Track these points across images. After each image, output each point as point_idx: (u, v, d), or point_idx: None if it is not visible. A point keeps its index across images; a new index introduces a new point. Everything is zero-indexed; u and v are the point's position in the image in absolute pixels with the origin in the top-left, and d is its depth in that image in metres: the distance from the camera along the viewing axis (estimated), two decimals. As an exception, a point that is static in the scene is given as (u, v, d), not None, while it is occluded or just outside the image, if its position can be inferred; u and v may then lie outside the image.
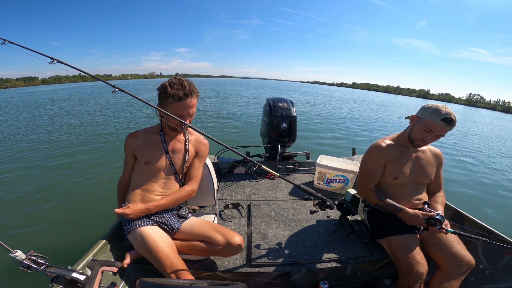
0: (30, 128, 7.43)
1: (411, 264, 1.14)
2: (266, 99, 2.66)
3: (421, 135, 1.24)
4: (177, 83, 1.11)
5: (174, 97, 1.09)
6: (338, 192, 2.17)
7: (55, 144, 5.59)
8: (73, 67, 1.23)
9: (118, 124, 8.03)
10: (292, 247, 1.43)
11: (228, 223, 1.66)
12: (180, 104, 1.11)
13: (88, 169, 4.08)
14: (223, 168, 2.45)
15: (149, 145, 1.22)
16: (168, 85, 1.11)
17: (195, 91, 1.14)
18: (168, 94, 1.10)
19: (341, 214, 1.59)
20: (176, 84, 1.10)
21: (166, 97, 1.11)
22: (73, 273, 0.83)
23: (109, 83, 1.14)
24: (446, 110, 1.17)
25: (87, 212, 2.74)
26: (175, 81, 1.12)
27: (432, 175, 1.38)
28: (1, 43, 1.13)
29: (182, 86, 1.10)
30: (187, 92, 1.11)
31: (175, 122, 1.13)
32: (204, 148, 1.34)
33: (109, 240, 1.21)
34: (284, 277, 1.29)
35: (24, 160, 4.56)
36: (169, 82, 1.12)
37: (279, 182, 2.33)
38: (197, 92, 1.17)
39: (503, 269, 1.28)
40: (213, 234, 1.16)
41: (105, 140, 5.95)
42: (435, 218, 1.15)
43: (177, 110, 1.11)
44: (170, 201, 1.19)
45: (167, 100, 1.11)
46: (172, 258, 1.03)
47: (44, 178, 3.73)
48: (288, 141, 2.53)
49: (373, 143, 1.40)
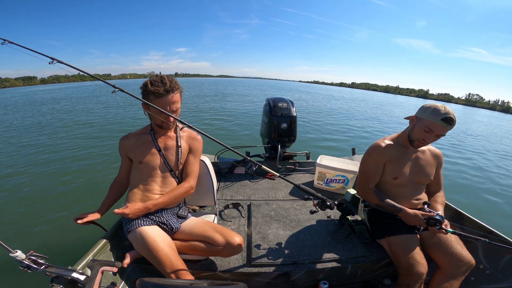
0: (29, 129, 7.42)
1: (411, 264, 1.14)
2: (266, 99, 2.66)
3: (421, 136, 1.24)
4: (158, 80, 1.12)
5: (155, 94, 1.10)
6: (338, 192, 2.17)
7: (55, 144, 5.59)
8: (73, 67, 1.23)
9: (118, 124, 8.02)
10: (292, 247, 1.43)
11: (228, 223, 1.66)
12: (161, 101, 1.12)
13: (88, 169, 4.08)
14: (223, 168, 2.45)
15: (141, 145, 1.23)
16: (149, 82, 1.12)
17: (176, 87, 1.15)
18: (148, 91, 1.11)
19: (341, 214, 1.59)
20: (157, 81, 1.12)
21: (147, 95, 1.13)
22: (73, 273, 0.83)
23: (109, 83, 1.14)
24: (445, 110, 1.17)
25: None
26: (156, 78, 1.13)
27: (431, 175, 1.38)
28: (1, 43, 1.13)
29: (162, 82, 1.11)
30: (168, 88, 1.11)
31: (163, 117, 1.14)
32: (197, 144, 1.34)
33: (109, 240, 1.21)
34: (284, 277, 1.29)
35: (23, 160, 4.55)
36: (150, 80, 1.13)
37: (279, 182, 2.33)
38: (179, 88, 1.18)
39: (503, 269, 1.28)
40: (213, 234, 1.16)
41: (105, 140, 5.95)
42: (435, 219, 1.15)
43: (160, 106, 1.12)
44: (169, 199, 1.19)
45: (149, 97, 1.12)
46: (172, 258, 1.03)
47: (44, 179, 3.73)
48: (288, 141, 2.53)
49: (373, 143, 1.41)
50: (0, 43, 1.13)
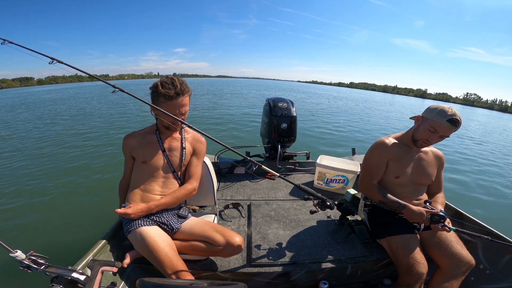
0: (29, 128, 7.41)
1: (411, 264, 1.14)
2: (266, 99, 2.66)
3: (426, 135, 1.25)
4: (168, 82, 1.11)
5: (165, 96, 1.10)
6: (338, 192, 2.17)
7: (55, 144, 5.58)
8: (73, 67, 1.22)
9: (118, 124, 8.01)
10: (292, 247, 1.43)
11: (228, 223, 1.66)
12: (171, 103, 1.11)
13: (88, 169, 4.07)
14: (223, 168, 2.45)
15: (146, 145, 1.23)
16: (160, 84, 1.11)
17: (186, 90, 1.15)
18: (159, 93, 1.10)
19: (341, 214, 1.59)
20: (168, 83, 1.11)
21: (157, 96, 1.12)
22: (73, 273, 0.83)
23: (109, 83, 1.14)
24: (451, 111, 1.17)
25: (87, 212, 2.74)
26: (166, 80, 1.12)
27: (433, 176, 1.38)
28: (1, 43, 1.13)
29: (173, 85, 1.11)
30: (178, 91, 1.11)
31: (170, 119, 1.13)
32: (201, 146, 1.34)
33: (109, 240, 1.21)
34: (284, 277, 1.29)
35: (24, 160, 4.54)
36: (161, 82, 1.13)
37: (279, 182, 2.33)
38: (189, 90, 1.17)
39: (503, 269, 1.28)
40: (213, 234, 1.16)
41: (105, 140, 5.94)
42: (439, 215, 1.16)
43: (169, 109, 1.12)
44: (171, 200, 1.19)
45: (158, 99, 1.12)
46: (172, 258, 1.03)
47: (43, 178, 3.72)
48: (288, 141, 2.53)
49: (377, 140, 1.41)
50: (0, 43, 1.13)
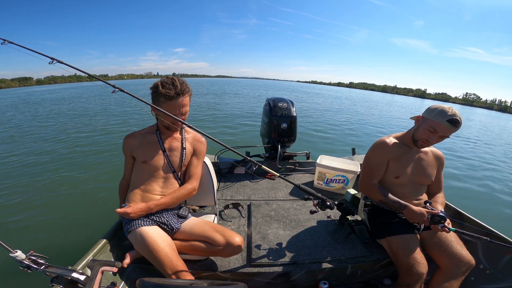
0: (28, 128, 7.41)
1: (411, 264, 1.15)
2: (266, 99, 2.66)
3: (425, 136, 1.25)
4: (169, 82, 1.11)
5: (166, 96, 1.10)
6: (338, 192, 2.17)
7: (55, 144, 5.58)
8: (73, 67, 1.22)
9: (119, 123, 8.00)
10: (292, 247, 1.43)
11: (228, 223, 1.66)
12: (171, 103, 1.11)
13: (88, 169, 4.07)
14: (223, 168, 2.45)
15: (146, 145, 1.23)
16: (160, 84, 1.11)
17: (187, 90, 1.14)
18: (159, 93, 1.10)
19: (341, 214, 1.59)
20: (168, 83, 1.11)
21: (158, 97, 1.12)
22: (73, 273, 0.83)
23: (109, 83, 1.13)
24: (452, 112, 1.17)
25: (87, 212, 2.73)
26: (167, 80, 1.12)
27: (433, 176, 1.38)
28: (1, 43, 1.13)
29: (173, 85, 1.11)
30: (179, 91, 1.11)
31: (170, 120, 1.13)
32: (201, 146, 1.34)
33: (109, 240, 1.21)
34: (284, 277, 1.29)
35: (24, 160, 4.54)
36: (161, 82, 1.12)
37: (279, 182, 2.33)
38: (190, 91, 1.17)
39: (503, 269, 1.28)
40: (213, 234, 1.16)
41: (105, 140, 5.94)
42: (440, 215, 1.16)
43: (169, 109, 1.11)
44: (171, 200, 1.19)
45: (159, 99, 1.12)
46: (172, 258, 1.03)
47: (43, 178, 3.71)
48: (288, 141, 2.53)
49: (378, 140, 1.41)
50: (0, 43, 1.13)
